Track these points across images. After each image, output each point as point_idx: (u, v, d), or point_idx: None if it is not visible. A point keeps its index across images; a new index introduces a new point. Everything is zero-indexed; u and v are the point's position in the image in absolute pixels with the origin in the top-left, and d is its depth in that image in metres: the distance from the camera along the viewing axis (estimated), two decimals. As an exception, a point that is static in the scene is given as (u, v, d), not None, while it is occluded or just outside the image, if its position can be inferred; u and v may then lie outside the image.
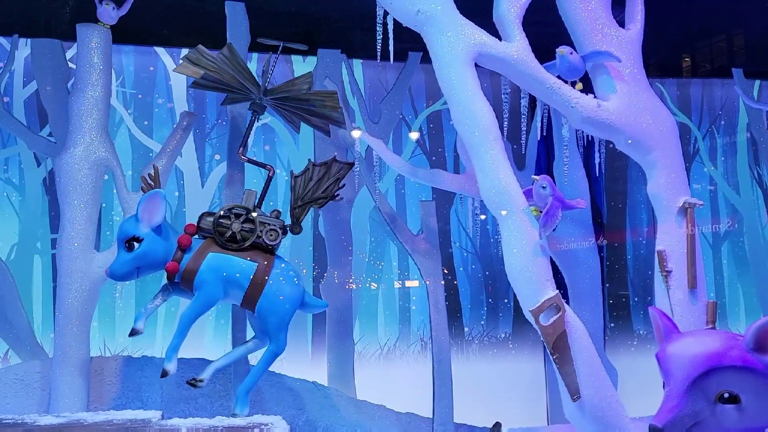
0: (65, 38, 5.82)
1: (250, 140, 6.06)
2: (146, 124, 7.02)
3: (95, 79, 5.26)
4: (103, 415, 3.31)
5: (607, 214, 7.63)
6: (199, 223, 4.13)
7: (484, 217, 7.03)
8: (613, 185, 7.80)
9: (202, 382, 3.85)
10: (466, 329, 7.41)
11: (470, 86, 3.67)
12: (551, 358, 3.43)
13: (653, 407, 2.74)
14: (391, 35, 3.88)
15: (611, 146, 7.26)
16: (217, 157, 7.18)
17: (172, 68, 7.01)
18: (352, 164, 4.38)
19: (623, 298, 7.69)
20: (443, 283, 5.83)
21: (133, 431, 2.97)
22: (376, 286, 7.35)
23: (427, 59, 4.07)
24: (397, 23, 3.90)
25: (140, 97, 7.06)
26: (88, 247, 5.09)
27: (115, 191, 5.49)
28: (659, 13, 4.71)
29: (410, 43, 3.99)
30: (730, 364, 2.43)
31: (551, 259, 3.86)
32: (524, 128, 4.09)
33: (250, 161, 4.53)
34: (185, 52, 7.00)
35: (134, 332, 3.88)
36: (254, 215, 4.09)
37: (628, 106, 3.77)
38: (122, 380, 5.51)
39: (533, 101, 4.39)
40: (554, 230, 5.15)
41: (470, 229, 7.48)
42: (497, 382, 6.91)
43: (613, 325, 7.38)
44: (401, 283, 7.46)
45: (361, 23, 5.02)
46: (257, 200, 4.22)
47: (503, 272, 3.69)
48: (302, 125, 4.98)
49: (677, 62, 8.57)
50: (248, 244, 4.01)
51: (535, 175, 3.64)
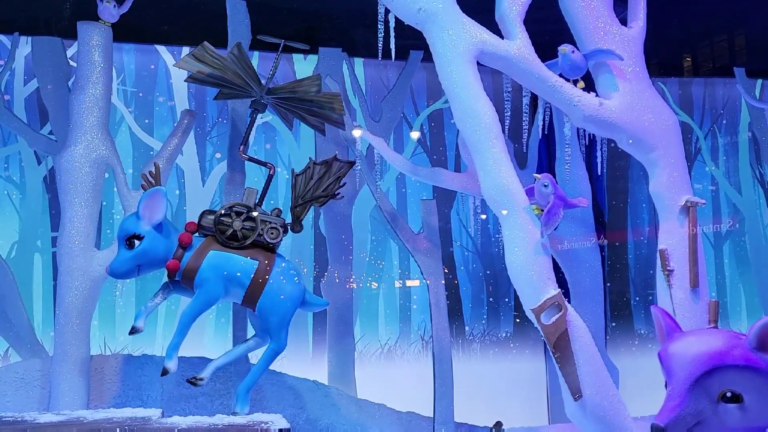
0: (66, 36, 5.81)
1: (250, 138, 6.07)
2: (147, 122, 7.01)
3: (96, 77, 5.25)
4: (102, 413, 3.30)
5: (608, 213, 7.61)
6: (199, 221, 4.11)
7: (485, 216, 7.03)
8: (614, 184, 7.79)
9: (202, 380, 3.84)
10: (467, 328, 7.40)
11: (472, 84, 3.66)
12: (553, 357, 3.42)
13: (655, 407, 2.73)
14: (392, 33, 3.87)
15: (613, 145, 7.26)
16: (217, 155, 7.18)
17: (173, 65, 7.02)
18: (353, 163, 4.37)
19: (624, 297, 7.68)
20: (444, 282, 5.81)
21: (132, 429, 2.95)
22: (376, 285, 7.34)
23: (428, 58, 4.06)
24: (398, 21, 3.89)
25: (141, 95, 7.05)
26: (88, 245, 5.08)
27: (115, 189, 5.48)
28: (661, 11, 4.70)
29: (413, 39, 3.97)
30: (732, 363, 2.42)
31: (552, 258, 3.85)
32: (526, 127, 4.07)
33: (250, 159, 4.52)
34: (186, 50, 7.02)
35: (134, 330, 3.86)
36: (255, 213, 4.08)
37: (630, 104, 3.76)
38: (122, 379, 5.50)
39: (535, 99, 4.38)
40: (556, 229, 5.16)
41: (471, 228, 7.47)
42: (498, 381, 6.90)
43: (614, 324, 7.36)
44: (402, 282, 7.45)
45: (362, 21, 5.01)
46: (258, 198, 4.20)
47: (504, 271, 3.68)
48: (296, 123, 4.96)
49: (679, 61, 8.56)
50: (249, 242, 3.99)
51: (536, 173, 3.63)
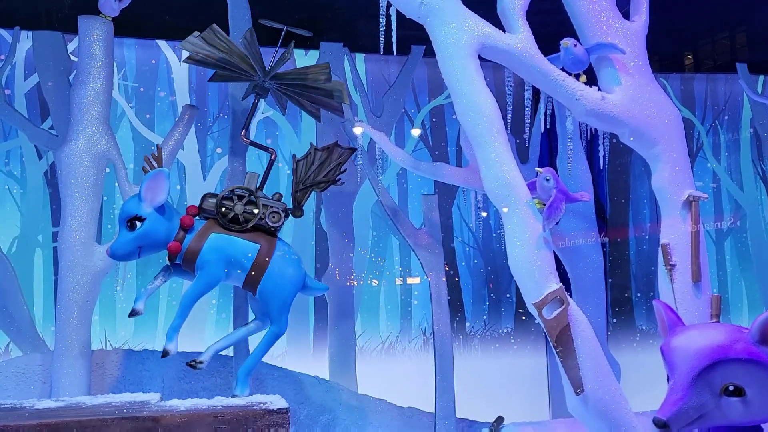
0: (67, 30, 5.80)
1: (252, 129, 6.06)
2: (148, 117, 7.00)
3: (97, 71, 5.24)
4: (101, 398, 3.29)
5: (610, 209, 7.60)
6: (201, 204, 4.10)
7: (485, 214, 7.02)
8: (616, 180, 7.77)
9: (201, 363, 3.83)
10: (468, 324, 7.39)
11: (474, 78, 3.65)
12: (554, 351, 3.41)
13: (656, 402, 2.72)
14: (394, 27, 3.85)
15: (614, 140, 7.25)
16: (218, 150, 7.17)
17: (174, 59, 7.00)
18: (353, 149, 4.35)
19: (626, 293, 7.67)
20: (445, 278, 5.80)
21: (131, 412, 2.95)
22: (377, 282, 7.33)
23: (430, 53, 4.04)
24: (400, 15, 3.87)
25: (142, 90, 7.03)
26: (89, 239, 5.08)
27: (116, 184, 5.47)
28: (663, 6, 4.68)
29: (414, 31, 3.95)
30: (735, 356, 2.42)
31: (554, 253, 3.84)
32: (528, 121, 4.06)
33: (252, 144, 4.51)
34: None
35: (134, 313, 3.86)
36: (257, 197, 4.06)
37: (632, 98, 3.75)
38: (123, 373, 5.50)
39: (537, 94, 4.37)
40: (557, 224, 5.16)
41: (472, 223, 7.46)
42: (499, 377, 6.89)
43: (615, 320, 7.35)
44: (403, 279, 7.44)
45: (364, 13, 4.99)
46: (259, 183, 4.19)
47: (506, 267, 3.67)
48: (296, 115, 4.92)
49: (681, 57, 8.53)
50: (251, 225, 3.98)
51: (538, 167, 3.61)
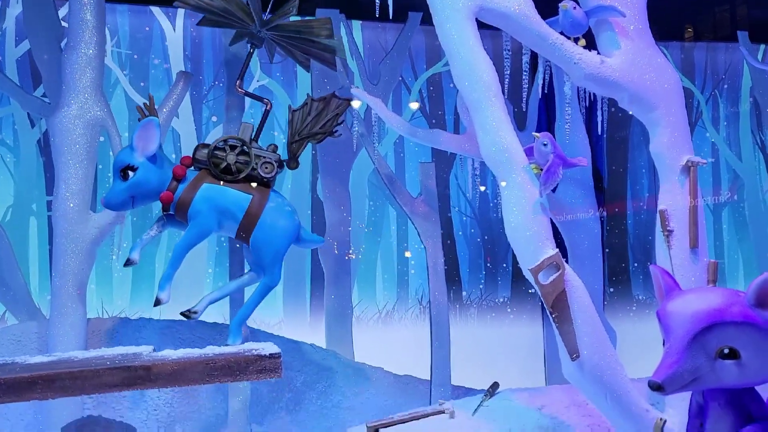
0: (57, -5, 5.70)
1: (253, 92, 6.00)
2: (142, 85, 6.93)
3: (88, 36, 5.15)
4: (94, 352, 3.27)
5: (608, 179, 7.57)
6: (194, 154, 4.07)
7: (484, 188, 6.99)
8: (614, 150, 7.74)
9: (196, 313, 3.82)
10: (464, 293, 7.41)
11: (471, 41, 3.58)
12: (550, 317, 3.41)
13: (652, 369, 2.72)
14: (390, -9, 3.78)
15: (613, 110, 7.19)
16: (214, 119, 7.11)
17: (168, 27, 6.90)
18: (350, 101, 4.28)
19: (623, 263, 7.68)
20: (442, 246, 5.78)
21: (123, 363, 2.94)
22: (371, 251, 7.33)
23: (427, 20, 3.97)
24: (397, -22, 3.80)
25: (136, 57, 6.95)
26: (83, 207, 5.04)
27: (111, 153, 5.43)
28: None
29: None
30: (731, 319, 2.40)
31: (551, 220, 3.82)
32: (525, 87, 4.00)
33: (247, 94, 4.44)
34: (181, 12, 6.90)
35: (129, 262, 3.85)
36: (250, 147, 4.03)
37: (631, 62, 3.69)
38: (119, 342, 5.50)
39: (534, 59, 4.31)
40: (554, 191, 5.13)
41: (469, 193, 7.44)
42: (495, 345, 6.92)
43: (612, 289, 7.38)
44: (399, 248, 7.43)
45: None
46: (254, 134, 4.14)
47: (502, 237, 3.64)
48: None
49: (681, 25, 8.44)
50: (243, 176, 3.95)
51: (536, 132, 3.57)
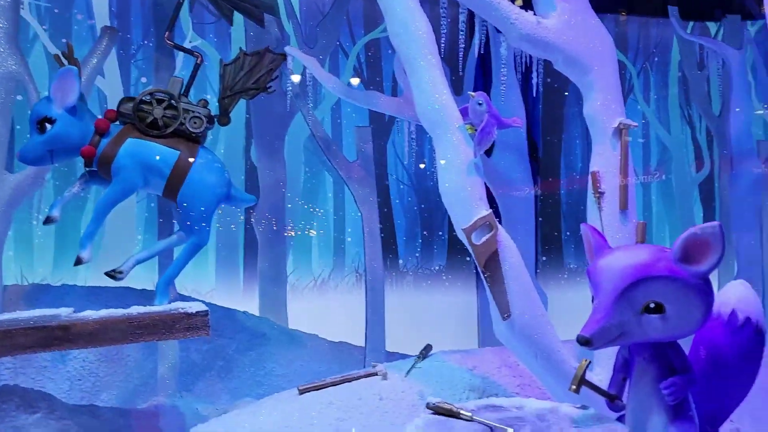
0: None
1: (179, 60, 5.77)
2: (64, 41, 6.55)
3: (-2, -18, 4.83)
4: (7, 315, 3.10)
5: (542, 148, 7.66)
6: (119, 107, 3.86)
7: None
8: (549, 121, 7.82)
9: (121, 273, 3.66)
10: (400, 261, 7.42)
11: (408, -1, 3.51)
12: (482, 276, 3.41)
13: (581, 333, 2.76)
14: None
15: (549, 80, 7.24)
16: (143, 80, 6.82)
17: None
18: (285, 56, 4.13)
19: (555, 231, 7.81)
20: (378, 213, 5.74)
21: (39, 323, 2.80)
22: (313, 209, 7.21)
23: (364, -19, 3.87)
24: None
25: (57, 11, 6.56)
26: (-1, 167, 4.78)
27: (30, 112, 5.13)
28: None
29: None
30: (657, 274, 2.44)
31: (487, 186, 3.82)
32: (462, 47, 3.96)
33: (176, 47, 4.24)
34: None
35: (49, 220, 3.65)
36: (178, 102, 3.84)
37: (567, 24, 3.68)
38: (39, 308, 5.26)
39: (471, 22, 4.26)
40: (489, 156, 5.15)
41: (406, 160, 7.40)
42: (430, 312, 6.97)
43: (545, 258, 7.50)
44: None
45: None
46: (183, 88, 3.95)
47: (439, 205, 3.62)
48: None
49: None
50: (170, 130, 3.77)
51: (471, 92, 3.53)
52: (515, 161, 5.13)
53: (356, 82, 7.41)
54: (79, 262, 3.57)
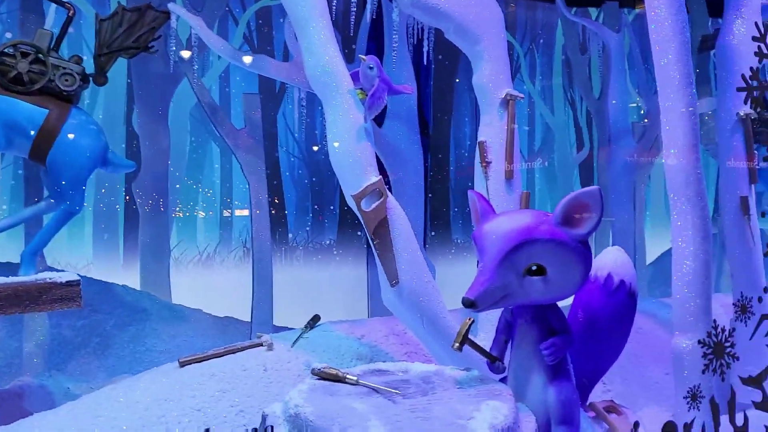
0: None
1: (50, 15, 5.32)
2: None
3: None
4: None
5: (432, 125, 7.74)
6: None
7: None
8: (439, 98, 7.90)
9: None
10: (290, 235, 7.28)
11: (298, -44, 3.38)
12: (371, 243, 3.38)
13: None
14: None
15: (440, 57, 7.29)
16: (8, 35, 6.25)
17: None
18: (168, 14, 3.88)
19: (444, 207, 7.94)
20: (267, 183, 5.57)
21: None
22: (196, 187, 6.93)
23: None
24: None
25: None
26: None
27: None
28: None
29: None
30: (539, 237, 2.49)
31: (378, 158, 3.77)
32: (354, 11, 3.88)
33: None
34: None
35: None
36: (46, 56, 3.52)
37: (458, -7, 3.69)
38: None
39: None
40: (381, 126, 5.11)
41: (297, 131, 7.26)
42: (321, 286, 6.90)
43: (433, 233, 7.61)
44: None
45: None
46: (53, 42, 3.62)
47: (331, 179, 3.55)
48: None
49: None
50: (37, 87, 3.46)
51: (362, 55, 3.46)
52: (406, 133, 5.12)
53: (249, 60, 7.16)
54: None
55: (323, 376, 2.54)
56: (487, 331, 3.55)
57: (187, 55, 5.27)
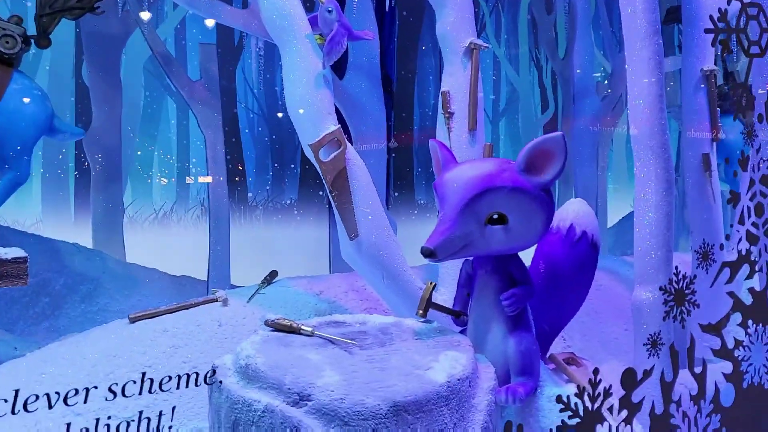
0: None
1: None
2: None
3: None
4: None
5: (396, 84, 7.59)
6: None
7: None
8: (403, 56, 7.74)
9: None
10: (250, 195, 7.12)
11: None
12: (329, 195, 3.27)
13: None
14: None
15: (404, 13, 7.10)
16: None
17: None
18: None
19: (407, 167, 7.84)
20: (224, 139, 5.39)
21: None
22: (152, 148, 6.70)
23: None
24: None
25: None
26: None
27: None
28: None
29: None
30: (501, 185, 2.43)
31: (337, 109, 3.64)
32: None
33: None
34: None
35: None
36: None
37: (422, -64, 3.55)
38: None
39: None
40: (342, 78, 4.95)
41: (257, 89, 7.04)
42: (280, 246, 6.77)
43: (396, 194, 7.51)
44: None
45: None
46: None
47: (292, 136, 3.41)
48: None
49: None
50: None
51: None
52: (368, 87, 4.96)
53: (211, 23, 6.89)
54: None
55: (277, 327, 2.45)
56: (447, 285, 3.49)
57: (147, 16, 5.03)
